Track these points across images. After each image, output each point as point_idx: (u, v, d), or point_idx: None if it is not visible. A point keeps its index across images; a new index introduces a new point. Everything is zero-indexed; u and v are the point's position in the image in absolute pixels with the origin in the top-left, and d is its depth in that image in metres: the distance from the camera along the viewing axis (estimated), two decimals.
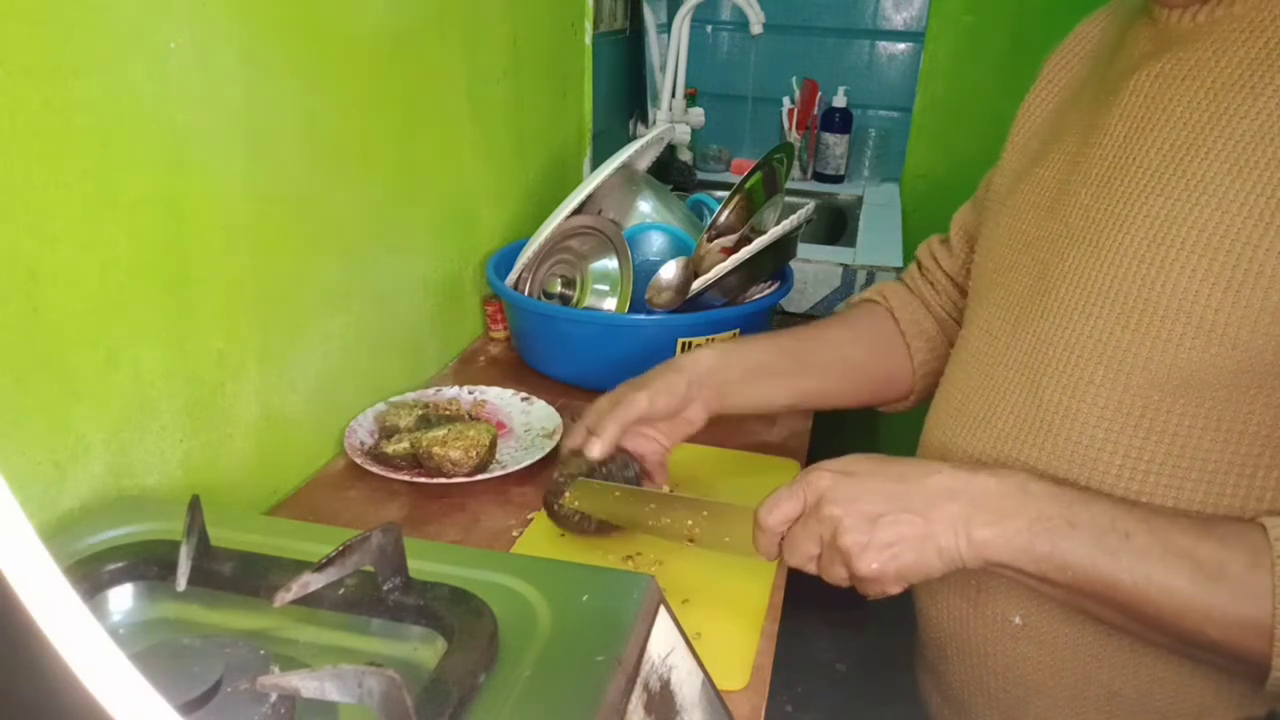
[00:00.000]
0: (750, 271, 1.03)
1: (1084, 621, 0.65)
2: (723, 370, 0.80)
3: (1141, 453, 0.61)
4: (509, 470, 0.86)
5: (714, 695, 0.53)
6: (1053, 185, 0.71)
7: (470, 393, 1.02)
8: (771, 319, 1.18)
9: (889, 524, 0.58)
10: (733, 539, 0.67)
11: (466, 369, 1.15)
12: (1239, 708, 0.63)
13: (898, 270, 1.54)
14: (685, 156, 2.03)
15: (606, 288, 1.14)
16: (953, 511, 0.57)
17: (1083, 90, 0.74)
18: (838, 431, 1.19)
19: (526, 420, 0.98)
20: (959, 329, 0.81)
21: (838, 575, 0.60)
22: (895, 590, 0.60)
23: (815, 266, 1.56)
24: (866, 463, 0.61)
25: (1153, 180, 0.61)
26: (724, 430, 1.00)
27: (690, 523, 0.69)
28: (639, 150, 1.13)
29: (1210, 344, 0.57)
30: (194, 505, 0.49)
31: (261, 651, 0.42)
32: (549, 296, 1.13)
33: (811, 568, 0.62)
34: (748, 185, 1.10)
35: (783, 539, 0.63)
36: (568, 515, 0.73)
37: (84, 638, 0.16)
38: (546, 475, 0.89)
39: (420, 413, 0.92)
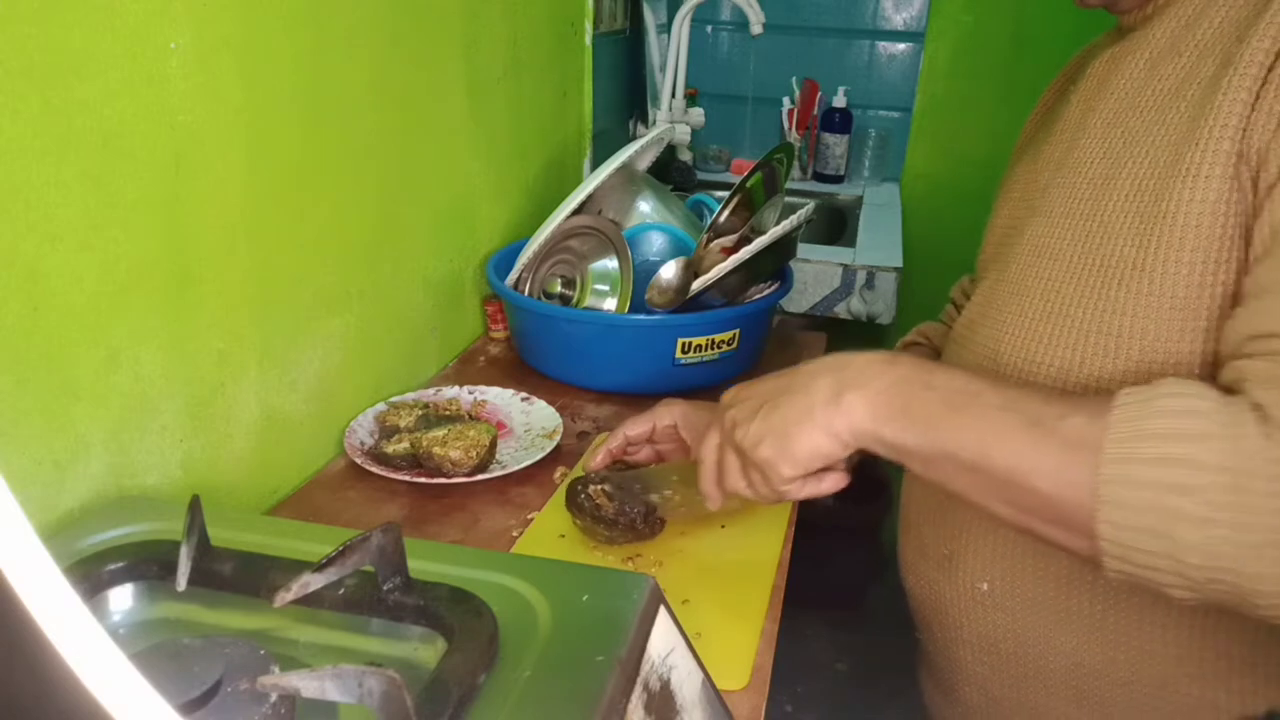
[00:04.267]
0: (750, 271, 1.03)
1: (1048, 584, 0.67)
2: None
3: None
4: (509, 470, 0.86)
5: (714, 695, 0.53)
6: (1023, 178, 0.76)
7: (470, 393, 1.02)
8: (772, 319, 1.18)
9: (772, 408, 0.61)
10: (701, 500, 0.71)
11: (466, 369, 1.15)
12: (1198, 679, 0.64)
13: (897, 270, 1.54)
14: (685, 157, 2.03)
15: (606, 288, 1.14)
16: (826, 384, 0.59)
17: (1059, 97, 0.80)
18: None
19: (526, 420, 0.98)
20: None
21: (759, 485, 0.64)
22: (790, 474, 0.61)
23: (815, 266, 1.56)
24: (756, 383, 0.65)
25: (1098, 147, 0.66)
26: None
27: (669, 492, 0.76)
28: (639, 150, 1.13)
29: (1133, 286, 0.60)
30: (194, 505, 0.49)
31: (261, 651, 0.42)
32: (549, 296, 1.13)
33: (746, 488, 0.65)
34: (748, 185, 1.10)
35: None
36: (593, 495, 0.75)
37: (84, 638, 0.16)
38: (546, 475, 0.89)
39: (420, 413, 0.92)
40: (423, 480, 0.84)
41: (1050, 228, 0.67)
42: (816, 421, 0.59)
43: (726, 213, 1.08)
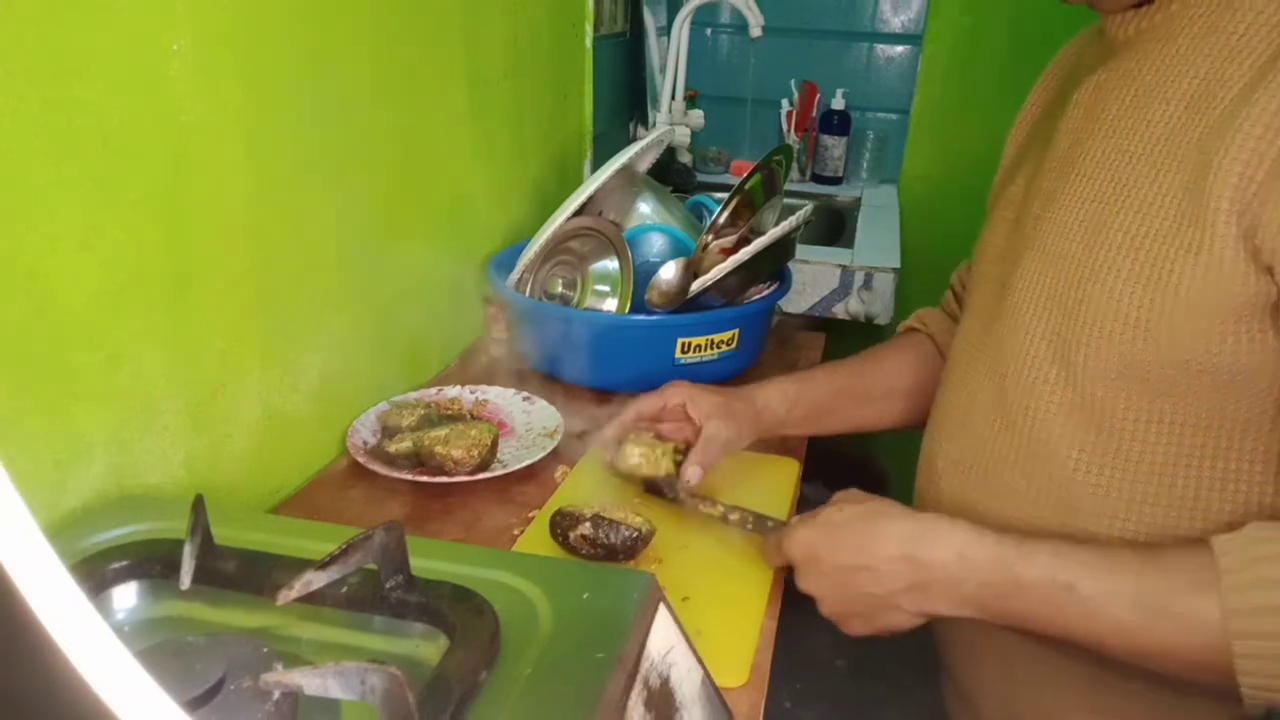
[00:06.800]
0: (749, 272, 1.04)
1: None
2: (784, 415, 0.88)
3: (1095, 447, 0.64)
4: (510, 469, 0.87)
5: (713, 692, 0.53)
6: (1018, 200, 0.75)
7: (472, 392, 1.02)
8: (771, 319, 1.18)
9: (857, 606, 0.65)
10: None
11: (468, 369, 1.15)
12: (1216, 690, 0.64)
13: (895, 271, 1.54)
14: (685, 158, 2.03)
15: (607, 288, 1.14)
16: (907, 597, 0.63)
17: (1050, 108, 0.78)
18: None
19: (528, 420, 0.98)
20: None
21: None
22: (862, 633, 0.66)
23: (814, 267, 1.56)
24: (827, 535, 0.66)
25: (1088, 187, 0.65)
26: None
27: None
28: (639, 152, 1.13)
29: (1138, 340, 0.60)
30: (198, 504, 0.49)
31: (265, 649, 0.42)
32: (550, 297, 1.13)
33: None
34: (747, 187, 1.10)
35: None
36: (576, 546, 0.74)
37: (89, 636, 0.16)
38: (548, 474, 0.89)
39: (422, 412, 0.92)
40: (425, 479, 0.84)
41: (1045, 264, 0.67)
42: (903, 609, 0.63)
43: (726, 214, 1.08)
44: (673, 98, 1.82)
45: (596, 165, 1.46)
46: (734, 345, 1.05)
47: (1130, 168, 0.62)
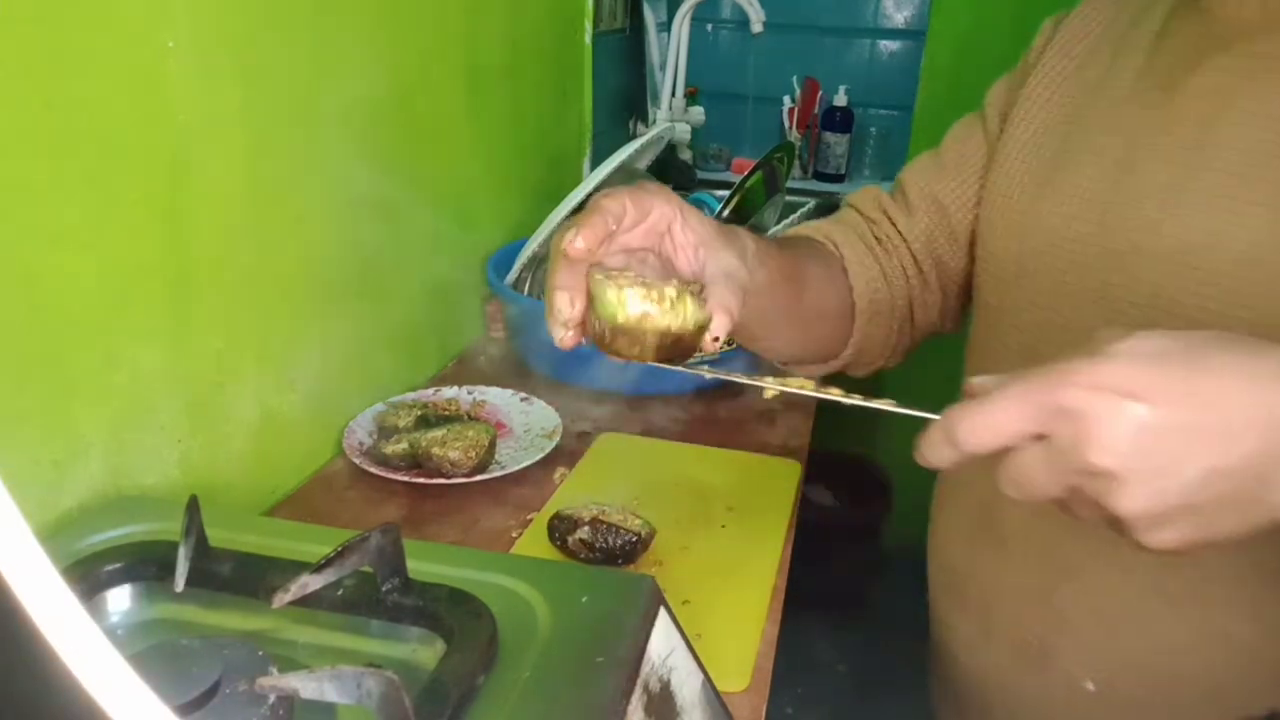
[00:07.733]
0: None
1: (1162, 686, 0.61)
2: (761, 262, 0.64)
3: None
4: (508, 470, 0.86)
5: (714, 696, 0.53)
6: (1097, 196, 0.61)
7: (469, 393, 1.02)
8: None
9: (1198, 493, 0.39)
10: None
11: (466, 369, 1.14)
12: None
13: None
14: (685, 155, 2.03)
15: None
16: None
17: (1105, 86, 0.65)
18: (840, 436, 1.19)
19: (526, 420, 0.98)
20: (901, 300, 0.74)
21: (1088, 519, 0.42)
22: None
23: None
24: (1161, 381, 0.38)
25: (1240, 189, 0.54)
26: (724, 430, 1.00)
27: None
28: (639, 149, 1.13)
29: None
30: (192, 505, 0.49)
31: (260, 653, 0.42)
32: None
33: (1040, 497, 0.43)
34: (748, 184, 1.10)
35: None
36: (575, 550, 0.73)
37: (82, 639, 0.16)
38: (546, 476, 0.89)
39: (419, 413, 0.92)
40: (421, 481, 0.84)
41: (1183, 283, 0.56)
42: (1268, 504, 0.39)
43: (727, 212, 1.08)
44: (673, 94, 1.82)
45: (596, 163, 1.46)
46: (735, 345, 1.05)
47: None
